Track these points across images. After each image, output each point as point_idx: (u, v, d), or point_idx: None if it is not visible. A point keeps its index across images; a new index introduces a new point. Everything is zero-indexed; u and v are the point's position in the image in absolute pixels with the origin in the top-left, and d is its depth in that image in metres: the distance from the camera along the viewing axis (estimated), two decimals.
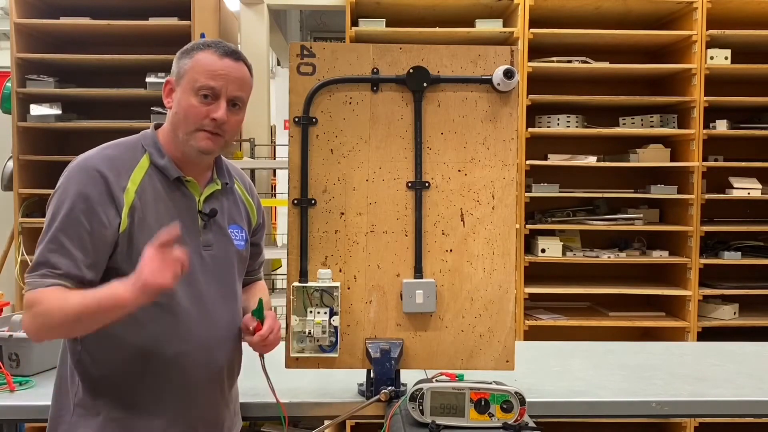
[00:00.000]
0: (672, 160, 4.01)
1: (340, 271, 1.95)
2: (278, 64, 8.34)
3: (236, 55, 1.66)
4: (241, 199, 1.82)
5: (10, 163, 3.90)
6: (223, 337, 1.72)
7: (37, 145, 3.95)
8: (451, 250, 1.96)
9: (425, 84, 1.94)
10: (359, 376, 2.00)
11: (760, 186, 3.98)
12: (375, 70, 1.95)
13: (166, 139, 1.68)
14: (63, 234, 1.54)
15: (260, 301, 1.74)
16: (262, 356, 1.79)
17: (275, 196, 5.66)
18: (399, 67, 1.95)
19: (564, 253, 3.95)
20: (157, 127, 1.72)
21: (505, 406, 1.66)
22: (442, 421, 1.66)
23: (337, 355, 1.93)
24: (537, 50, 3.97)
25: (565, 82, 4.18)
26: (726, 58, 3.88)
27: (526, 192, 3.89)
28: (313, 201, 1.94)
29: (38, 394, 1.94)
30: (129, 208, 1.58)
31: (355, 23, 3.92)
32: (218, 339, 1.70)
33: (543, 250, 3.91)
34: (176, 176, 1.66)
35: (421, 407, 1.67)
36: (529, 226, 3.93)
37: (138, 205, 1.59)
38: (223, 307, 1.72)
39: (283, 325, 1.92)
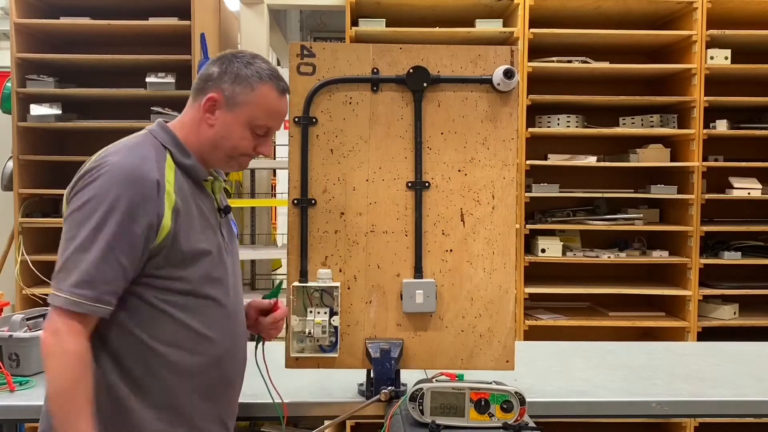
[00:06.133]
0: (672, 160, 4.01)
1: (340, 271, 1.95)
2: (278, 64, 8.34)
3: (287, 90, 1.68)
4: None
5: (10, 163, 3.90)
6: (244, 331, 1.77)
7: (37, 145, 3.95)
8: (451, 250, 1.96)
9: (425, 84, 1.94)
10: (359, 376, 2.00)
11: (760, 186, 3.98)
12: (375, 70, 1.95)
13: (191, 141, 1.64)
14: (116, 246, 1.46)
15: (280, 282, 1.77)
16: (263, 342, 1.84)
17: (275, 196, 5.66)
18: (399, 67, 1.95)
19: (564, 253, 3.95)
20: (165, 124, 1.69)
21: (505, 406, 1.66)
22: (442, 421, 1.66)
23: (337, 355, 1.93)
24: (537, 50, 3.96)
25: (565, 82, 4.18)
26: (726, 58, 3.88)
27: (526, 192, 3.89)
28: (313, 201, 1.94)
29: (38, 394, 1.93)
30: (172, 209, 1.53)
31: (355, 23, 3.92)
32: (244, 333, 1.75)
33: (543, 250, 3.91)
34: (205, 178, 1.65)
35: (421, 407, 1.67)
36: (529, 226, 3.93)
37: (180, 205, 1.55)
38: (240, 300, 1.75)
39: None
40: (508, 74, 1.91)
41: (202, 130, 1.63)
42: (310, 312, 1.91)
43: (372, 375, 1.91)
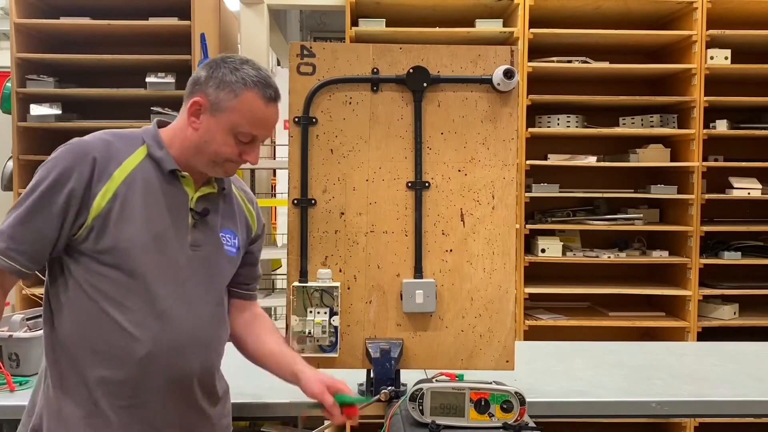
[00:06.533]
0: (672, 160, 4.01)
1: (340, 271, 1.95)
2: (278, 64, 8.33)
3: (277, 98, 1.64)
4: (239, 206, 1.78)
5: (10, 163, 3.90)
6: (200, 339, 1.65)
7: (37, 145, 3.95)
8: (451, 250, 1.96)
9: (425, 84, 1.94)
10: (359, 376, 2.00)
11: (760, 186, 3.98)
12: (375, 70, 1.95)
13: (173, 140, 1.65)
14: (35, 211, 1.53)
15: (357, 399, 1.68)
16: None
17: (275, 196, 5.65)
18: (399, 67, 1.95)
19: (564, 253, 3.95)
20: (161, 124, 1.70)
21: (505, 406, 1.66)
22: (442, 421, 1.66)
23: (337, 355, 1.93)
24: (537, 50, 3.96)
25: (565, 82, 4.17)
26: (726, 58, 3.88)
27: (526, 192, 3.89)
28: (313, 201, 1.94)
29: None
30: (112, 194, 1.55)
31: (355, 23, 3.92)
32: (195, 340, 1.64)
33: (543, 250, 3.91)
34: (171, 168, 1.63)
35: (421, 407, 1.67)
36: (529, 226, 3.93)
37: (122, 193, 1.56)
38: (204, 309, 1.66)
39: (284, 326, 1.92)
40: (508, 74, 1.91)
41: (187, 133, 1.63)
42: (310, 312, 1.91)
43: (372, 375, 1.91)
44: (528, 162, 3.88)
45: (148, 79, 3.83)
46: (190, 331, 1.63)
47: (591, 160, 4.00)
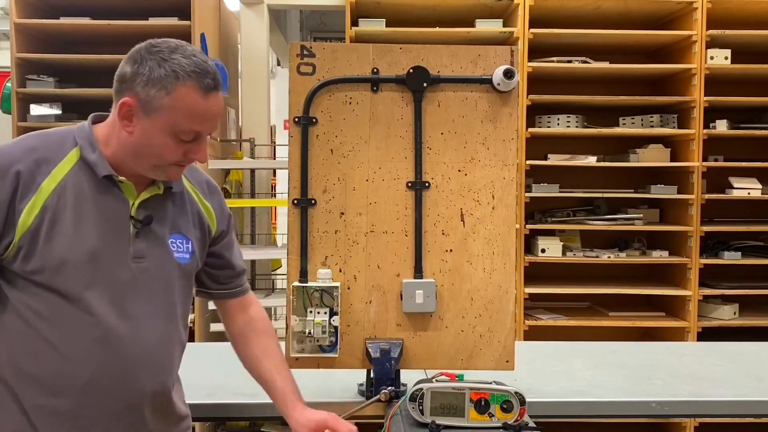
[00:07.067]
0: (672, 160, 4.01)
1: (340, 271, 1.95)
2: (278, 64, 8.35)
3: (217, 86, 1.45)
4: (192, 205, 1.62)
5: None
6: (149, 360, 1.51)
7: None
8: (451, 250, 1.96)
9: (425, 84, 1.94)
10: (359, 376, 2.00)
11: (760, 186, 3.98)
12: (375, 70, 1.95)
13: (109, 139, 1.48)
14: None
15: None
16: None
17: (275, 196, 5.66)
18: (399, 67, 1.95)
19: (564, 253, 3.95)
20: (97, 119, 1.53)
21: (505, 406, 1.66)
22: (442, 421, 1.66)
23: (337, 355, 1.93)
24: (537, 50, 3.97)
25: (565, 82, 4.18)
26: (726, 58, 3.88)
27: (526, 192, 3.89)
28: (313, 201, 1.94)
29: None
30: (40, 208, 1.41)
31: (355, 23, 3.92)
32: (143, 362, 1.50)
33: (543, 250, 3.91)
34: (105, 174, 1.46)
35: (421, 407, 1.67)
36: (529, 226, 3.93)
37: (52, 205, 1.41)
38: (152, 326, 1.52)
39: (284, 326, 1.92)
40: (508, 74, 1.91)
41: (121, 136, 1.46)
42: (310, 312, 1.91)
43: (372, 375, 1.91)
44: (528, 162, 3.88)
45: None
46: (137, 353, 1.49)
47: (591, 160, 4.00)
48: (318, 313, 1.91)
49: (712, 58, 3.87)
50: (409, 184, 1.95)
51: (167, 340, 1.56)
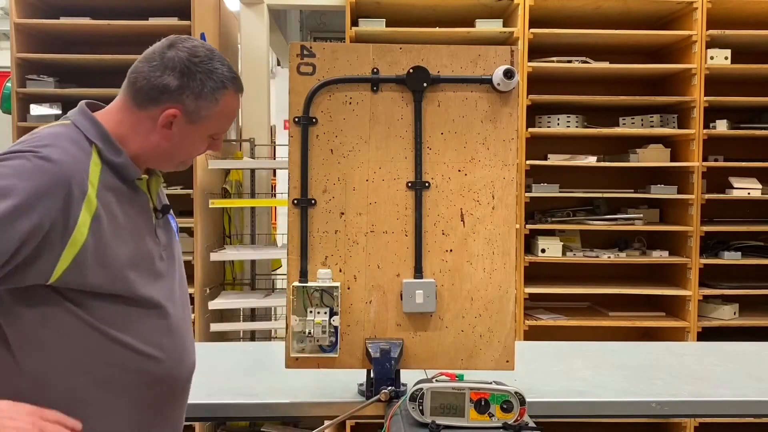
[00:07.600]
0: (672, 160, 4.01)
1: (340, 271, 1.95)
2: (278, 64, 8.34)
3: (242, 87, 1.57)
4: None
5: None
6: (190, 338, 1.62)
7: None
8: (451, 250, 1.96)
9: (425, 84, 1.94)
10: (359, 376, 2.00)
11: (760, 186, 3.98)
12: (375, 70, 1.95)
13: (126, 140, 1.48)
14: None
15: None
16: None
17: (275, 196, 5.66)
18: (399, 67, 1.95)
19: (564, 253, 3.95)
20: (92, 109, 1.51)
21: (505, 406, 1.66)
22: (442, 421, 1.66)
23: (337, 355, 1.93)
24: (537, 50, 3.97)
25: (565, 82, 4.18)
26: (726, 58, 3.88)
27: (526, 192, 3.89)
28: (313, 201, 1.94)
29: None
30: (92, 217, 1.37)
31: (355, 23, 3.92)
32: (190, 340, 1.60)
33: (543, 250, 3.91)
34: (137, 177, 1.49)
35: (421, 407, 1.67)
36: (529, 226, 3.93)
37: (101, 212, 1.39)
38: (184, 305, 1.61)
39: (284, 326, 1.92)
40: (508, 74, 1.91)
41: (152, 140, 1.48)
42: (310, 312, 1.91)
43: (372, 375, 1.91)
44: (528, 162, 3.88)
45: None
46: (186, 333, 1.59)
47: (591, 160, 4.00)
48: (318, 313, 1.91)
49: (712, 58, 3.87)
50: (409, 184, 1.95)
51: (189, 317, 1.66)
